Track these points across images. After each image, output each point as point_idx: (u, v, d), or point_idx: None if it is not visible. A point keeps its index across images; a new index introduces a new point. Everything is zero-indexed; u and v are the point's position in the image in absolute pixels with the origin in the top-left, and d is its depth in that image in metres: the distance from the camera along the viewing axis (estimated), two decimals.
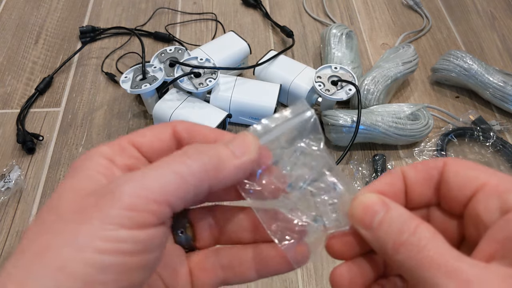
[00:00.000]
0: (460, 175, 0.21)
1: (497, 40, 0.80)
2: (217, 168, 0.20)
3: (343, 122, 0.60)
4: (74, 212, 0.18)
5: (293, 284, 0.52)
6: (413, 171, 0.22)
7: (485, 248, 0.18)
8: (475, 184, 0.20)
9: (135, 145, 0.22)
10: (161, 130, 0.23)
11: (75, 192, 0.19)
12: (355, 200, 0.22)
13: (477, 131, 0.64)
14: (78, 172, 0.20)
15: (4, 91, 0.70)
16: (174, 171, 0.19)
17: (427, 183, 0.22)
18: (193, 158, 0.20)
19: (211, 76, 0.61)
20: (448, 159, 0.22)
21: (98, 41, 0.78)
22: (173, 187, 0.19)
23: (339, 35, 0.71)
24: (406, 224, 0.19)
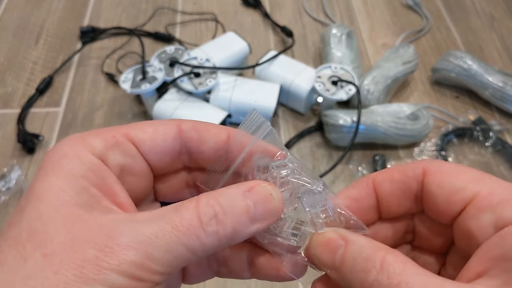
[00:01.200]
0: (445, 186, 0.18)
1: (496, 40, 0.80)
2: (230, 240, 0.18)
3: (343, 122, 0.60)
4: (69, 263, 0.16)
5: (293, 284, 0.52)
6: (388, 183, 0.20)
7: (475, 264, 0.17)
8: (463, 197, 0.18)
9: (133, 140, 0.20)
10: (165, 127, 0.20)
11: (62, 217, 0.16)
12: (312, 239, 0.19)
13: (476, 131, 0.64)
14: (62, 175, 0.17)
15: (5, 91, 0.70)
16: (186, 246, 0.17)
17: (405, 195, 0.20)
18: (209, 232, 0.17)
19: (211, 76, 0.61)
20: (427, 165, 0.19)
21: (98, 41, 0.78)
22: (180, 262, 0.17)
23: (339, 35, 0.71)
24: (370, 260, 0.17)
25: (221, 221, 0.17)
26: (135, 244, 0.16)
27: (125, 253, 0.16)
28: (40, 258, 0.16)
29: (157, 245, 0.16)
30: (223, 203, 0.18)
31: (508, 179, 0.61)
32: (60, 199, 0.17)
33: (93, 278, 0.15)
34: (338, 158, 0.60)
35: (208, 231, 0.17)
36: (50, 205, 0.17)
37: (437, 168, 0.19)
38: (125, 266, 0.16)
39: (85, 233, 0.16)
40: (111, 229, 0.16)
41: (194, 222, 0.17)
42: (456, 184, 0.18)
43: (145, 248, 0.16)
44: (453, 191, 0.18)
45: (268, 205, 0.19)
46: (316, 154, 0.64)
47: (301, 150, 0.64)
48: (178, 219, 0.17)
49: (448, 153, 0.64)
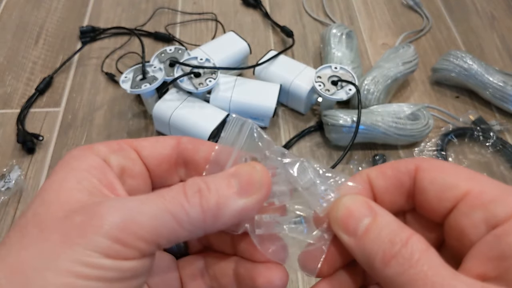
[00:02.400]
0: (437, 182, 0.18)
1: (497, 40, 0.80)
2: (217, 215, 0.18)
3: (343, 122, 0.60)
4: (58, 230, 0.17)
5: (293, 284, 0.52)
6: (381, 178, 0.20)
7: (475, 265, 0.17)
8: (455, 194, 0.18)
9: (135, 147, 0.21)
10: (165, 139, 0.22)
11: (62, 200, 0.18)
12: (337, 202, 0.20)
13: (477, 131, 0.64)
14: (67, 170, 0.19)
15: (4, 91, 0.70)
16: (171, 213, 0.17)
17: (398, 191, 0.20)
18: (192, 203, 0.18)
19: (211, 76, 0.61)
20: (420, 162, 0.19)
21: (98, 41, 0.78)
22: (166, 231, 0.17)
23: (339, 35, 0.71)
24: (398, 234, 0.17)
25: (205, 195, 0.18)
26: (120, 208, 0.17)
27: (110, 214, 0.16)
28: (36, 233, 0.17)
29: (141, 209, 0.17)
30: (207, 181, 0.19)
31: (508, 179, 0.61)
32: (62, 187, 0.18)
33: (77, 242, 0.16)
34: (338, 158, 0.60)
35: (192, 201, 0.18)
36: (53, 192, 0.18)
37: (429, 165, 0.19)
38: (108, 228, 0.16)
39: (78, 208, 0.17)
40: (101, 202, 0.17)
41: (179, 194, 0.18)
42: (448, 181, 0.18)
43: (129, 211, 0.17)
44: (445, 187, 0.18)
45: (251, 177, 0.19)
46: (316, 154, 0.64)
47: (301, 150, 0.64)
48: (165, 191, 0.18)
49: (448, 153, 0.63)
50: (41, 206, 0.18)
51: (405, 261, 0.16)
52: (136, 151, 0.22)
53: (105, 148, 0.21)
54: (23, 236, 0.17)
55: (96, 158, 0.20)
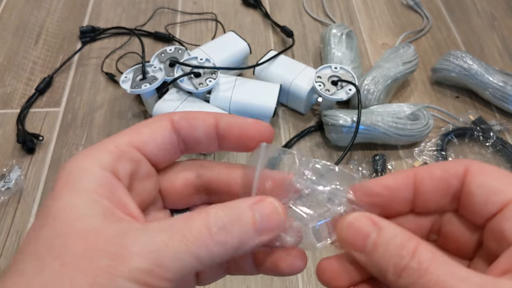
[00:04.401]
0: (485, 187, 0.19)
1: (497, 40, 0.80)
2: (236, 250, 0.19)
3: (343, 122, 0.60)
4: (84, 271, 0.17)
5: (293, 284, 0.52)
6: (429, 178, 0.20)
7: (504, 263, 0.17)
8: (501, 199, 0.18)
9: (136, 146, 0.21)
10: (158, 124, 0.22)
11: (78, 230, 0.17)
12: (342, 222, 0.20)
13: (477, 131, 0.64)
14: (75, 192, 0.18)
15: (4, 91, 0.70)
16: (194, 255, 0.17)
17: (444, 192, 0.20)
18: (217, 242, 0.18)
19: (211, 76, 0.61)
20: (470, 165, 0.20)
21: (98, 41, 0.78)
22: (188, 269, 0.18)
23: (339, 35, 0.71)
24: (405, 247, 0.18)
25: (229, 231, 0.18)
26: (145, 253, 0.17)
27: (136, 260, 0.17)
28: (57, 268, 0.17)
29: (166, 253, 0.17)
30: (231, 215, 0.19)
31: None
32: (74, 214, 0.18)
33: (106, 285, 0.16)
34: (338, 158, 0.60)
35: (217, 240, 0.18)
36: (66, 222, 0.18)
37: (479, 169, 0.19)
38: (135, 274, 0.17)
39: (99, 242, 0.17)
40: (123, 238, 0.17)
41: (203, 232, 0.18)
42: (496, 185, 0.19)
43: (155, 256, 0.17)
44: (492, 192, 0.19)
45: (273, 218, 0.19)
46: (316, 154, 0.64)
47: (301, 150, 0.64)
48: (188, 229, 0.18)
49: (448, 153, 0.63)
50: (56, 238, 0.17)
51: (415, 272, 0.17)
52: (139, 150, 0.21)
53: (108, 157, 0.20)
54: (42, 268, 0.17)
55: (102, 173, 0.19)
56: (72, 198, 0.18)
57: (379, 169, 0.60)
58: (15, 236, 0.55)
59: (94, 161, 0.19)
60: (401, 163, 0.63)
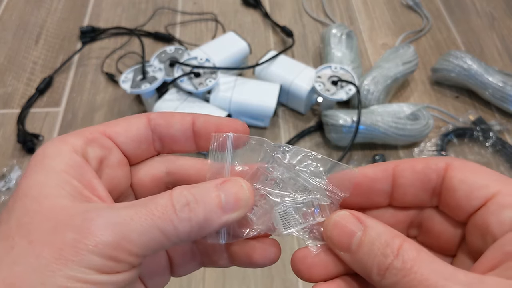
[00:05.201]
0: (467, 182, 0.19)
1: (496, 40, 0.80)
2: (202, 228, 0.19)
3: (343, 122, 0.60)
4: (50, 246, 0.17)
5: (293, 284, 0.52)
6: (409, 172, 0.20)
7: (490, 259, 0.17)
8: (484, 194, 0.18)
9: (108, 135, 0.21)
10: (136, 119, 0.22)
11: (46, 209, 0.18)
12: (328, 220, 0.20)
13: (476, 131, 0.64)
14: (45, 172, 0.19)
15: (5, 91, 0.70)
16: (160, 229, 0.18)
17: (423, 186, 0.20)
18: (181, 218, 0.18)
19: (211, 76, 0.61)
20: (450, 161, 0.20)
21: (98, 41, 0.78)
22: (154, 244, 0.18)
23: (339, 35, 0.71)
24: (389, 245, 0.18)
25: (193, 208, 0.18)
26: (111, 226, 0.17)
27: (102, 233, 0.17)
28: (25, 245, 0.17)
29: (132, 227, 0.17)
30: (195, 193, 0.19)
31: None
32: (43, 193, 0.18)
33: (72, 260, 0.16)
34: (338, 158, 0.60)
35: (181, 217, 0.18)
36: (35, 200, 0.18)
37: (460, 164, 0.19)
38: (101, 247, 0.17)
39: (66, 219, 0.17)
40: (89, 214, 0.17)
41: (168, 208, 0.18)
42: (478, 180, 0.19)
43: (120, 229, 0.17)
44: (475, 187, 0.19)
45: (239, 196, 0.20)
46: None
47: None
48: (153, 205, 0.18)
49: (448, 153, 0.63)
50: (25, 216, 0.18)
51: (399, 271, 0.17)
52: (111, 139, 0.21)
53: (79, 140, 0.20)
54: (11, 247, 0.17)
55: (73, 155, 0.19)
56: (42, 177, 0.18)
57: None
58: None
59: (66, 144, 0.20)
60: None
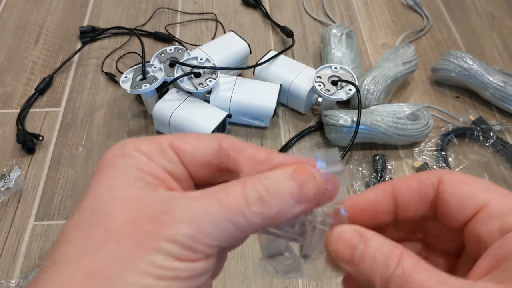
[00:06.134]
0: (457, 195, 0.20)
1: (497, 40, 0.80)
2: (275, 220, 0.19)
3: (343, 122, 0.60)
4: (129, 236, 0.17)
5: (293, 284, 0.52)
6: (406, 189, 0.21)
7: (482, 265, 0.18)
8: (474, 204, 0.20)
9: (176, 150, 0.21)
10: (207, 142, 0.21)
11: (120, 200, 0.18)
12: (330, 235, 0.21)
13: (477, 131, 0.64)
14: (116, 169, 0.19)
15: (4, 91, 0.70)
16: (232, 222, 0.18)
17: (422, 201, 0.21)
18: (254, 212, 0.18)
19: (211, 76, 0.61)
20: (443, 175, 0.21)
21: (98, 41, 0.78)
22: (227, 236, 0.18)
23: (339, 35, 0.71)
24: (390, 256, 0.19)
25: (266, 202, 0.19)
26: (187, 218, 0.18)
27: (179, 225, 0.18)
28: (103, 234, 0.17)
29: (206, 220, 0.18)
30: (268, 185, 0.19)
31: (508, 179, 0.61)
32: (116, 184, 0.19)
33: (151, 247, 0.17)
34: None
35: (254, 211, 0.18)
36: (108, 189, 0.19)
37: (451, 178, 0.21)
38: (179, 238, 0.17)
39: (142, 209, 0.18)
40: (166, 205, 0.18)
41: (240, 202, 0.18)
42: (467, 192, 0.20)
43: (196, 222, 0.18)
44: (464, 199, 0.20)
45: (311, 186, 0.20)
46: None
47: (301, 150, 0.64)
48: (226, 198, 0.18)
49: (448, 153, 0.63)
50: (98, 204, 0.18)
51: (399, 279, 0.18)
52: (177, 154, 0.21)
53: (148, 147, 0.20)
54: (88, 237, 0.18)
55: (143, 158, 0.20)
56: (114, 172, 0.19)
57: (379, 169, 0.60)
58: (15, 236, 0.55)
59: (135, 147, 0.20)
60: (401, 163, 0.63)
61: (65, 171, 0.61)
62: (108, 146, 0.63)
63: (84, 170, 0.61)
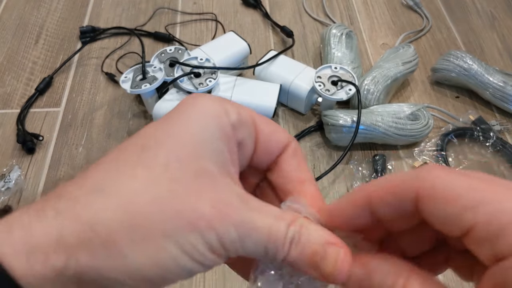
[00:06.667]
0: (439, 216, 0.17)
1: (497, 40, 0.80)
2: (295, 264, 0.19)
3: (343, 122, 0.60)
4: (190, 194, 0.18)
5: None
6: (384, 207, 0.19)
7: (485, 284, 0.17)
8: (460, 227, 0.17)
9: (256, 127, 0.21)
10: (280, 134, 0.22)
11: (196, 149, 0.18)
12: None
13: (477, 131, 0.64)
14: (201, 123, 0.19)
15: (4, 91, 0.70)
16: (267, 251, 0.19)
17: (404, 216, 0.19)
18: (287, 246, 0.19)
19: (211, 76, 0.61)
20: (420, 187, 0.17)
21: (98, 41, 0.78)
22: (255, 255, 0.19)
23: (339, 35, 0.71)
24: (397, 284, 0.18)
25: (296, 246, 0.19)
26: (239, 224, 0.18)
27: (229, 229, 0.18)
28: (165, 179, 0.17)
29: (251, 234, 0.18)
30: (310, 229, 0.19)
31: (509, 179, 0.61)
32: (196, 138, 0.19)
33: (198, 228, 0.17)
34: (338, 158, 0.60)
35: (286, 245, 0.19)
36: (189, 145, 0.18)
37: (430, 192, 0.17)
38: (223, 239, 0.18)
39: (210, 178, 0.18)
40: (228, 200, 0.18)
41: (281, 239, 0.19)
42: (450, 212, 0.17)
43: (243, 231, 0.18)
44: (448, 221, 0.17)
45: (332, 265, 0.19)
46: (316, 154, 0.64)
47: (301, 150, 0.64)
48: (275, 227, 0.19)
49: (448, 153, 0.63)
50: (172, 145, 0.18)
51: None
52: (256, 131, 0.21)
53: (235, 114, 0.20)
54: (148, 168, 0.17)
55: (229, 125, 0.19)
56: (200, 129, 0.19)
57: (379, 169, 0.60)
58: None
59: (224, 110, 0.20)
60: (401, 163, 0.63)
61: (65, 171, 0.61)
62: (108, 146, 0.63)
63: (84, 170, 0.61)
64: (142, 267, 0.17)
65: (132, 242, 0.16)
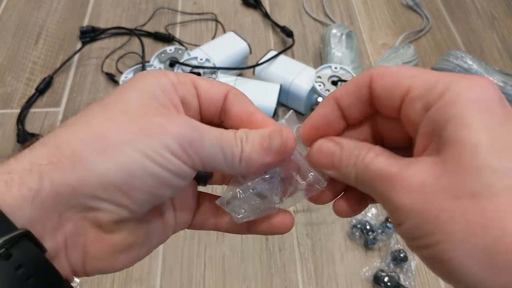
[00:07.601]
0: (386, 86, 0.21)
1: (497, 40, 0.80)
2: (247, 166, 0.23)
3: None
4: (141, 121, 0.20)
5: (293, 284, 0.52)
6: (346, 95, 0.23)
7: (419, 146, 0.21)
8: (400, 91, 0.21)
9: (195, 85, 0.24)
10: (218, 86, 0.25)
11: (142, 101, 0.21)
12: (311, 149, 0.24)
13: None
14: (144, 84, 0.22)
15: (4, 91, 0.70)
16: (224, 152, 0.22)
17: (361, 101, 0.23)
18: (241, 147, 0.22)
19: (211, 76, 0.61)
20: (373, 72, 0.22)
21: (98, 41, 0.78)
22: (215, 163, 0.22)
23: (339, 35, 0.71)
24: (361, 154, 0.22)
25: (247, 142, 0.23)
26: (192, 128, 0.21)
27: (184, 129, 0.20)
28: (119, 113, 0.20)
29: (206, 136, 0.21)
30: (248, 134, 0.23)
31: None
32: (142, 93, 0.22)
33: (156, 136, 0.20)
34: None
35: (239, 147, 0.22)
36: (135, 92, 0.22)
37: (380, 72, 0.22)
38: (181, 137, 0.20)
39: (156, 111, 0.21)
40: (175, 114, 0.22)
41: (231, 138, 0.22)
42: (394, 82, 0.21)
43: (198, 133, 0.21)
44: (392, 89, 0.21)
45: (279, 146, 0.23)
46: None
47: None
48: (224, 132, 0.22)
49: None
50: (123, 97, 0.21)
51: (362, 167, 0.21)
52: (196, 89, 0.24)
53: (174, 76, 0.23)
54: (106, 111, 0.21)
55: (168, 82, 0.23)
56: (141, 84, 0.22)
57: None
58: None
59: (164, 73, 0.23)
60: None
61: None
62: None
63: None
64: (109, 173, 0.19)
65: (95, 152, 0.19)
